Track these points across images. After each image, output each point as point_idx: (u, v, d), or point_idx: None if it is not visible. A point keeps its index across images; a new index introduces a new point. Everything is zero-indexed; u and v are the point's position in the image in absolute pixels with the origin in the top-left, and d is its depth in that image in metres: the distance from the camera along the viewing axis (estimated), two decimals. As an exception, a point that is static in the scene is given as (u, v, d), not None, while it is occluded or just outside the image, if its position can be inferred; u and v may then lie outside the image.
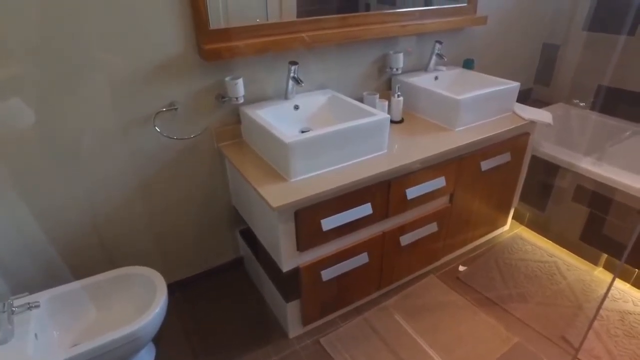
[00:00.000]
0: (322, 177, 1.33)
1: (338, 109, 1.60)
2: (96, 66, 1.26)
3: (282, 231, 1.29)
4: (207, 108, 1.51)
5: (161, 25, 1.32)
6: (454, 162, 1.61)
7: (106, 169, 1.41)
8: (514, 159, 1.84)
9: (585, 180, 1.86)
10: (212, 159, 1.61)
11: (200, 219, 1.70)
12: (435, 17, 1.89)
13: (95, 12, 1.20)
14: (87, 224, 1.45)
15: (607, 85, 2.28)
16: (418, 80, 1.83)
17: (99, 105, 1.32)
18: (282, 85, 1.60)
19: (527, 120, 1.77)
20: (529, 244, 2.09)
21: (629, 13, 2.08)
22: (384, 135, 1.45)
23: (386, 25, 1.72)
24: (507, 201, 2.02)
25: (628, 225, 1.76)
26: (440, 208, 1.70)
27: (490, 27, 2.15)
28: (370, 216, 1.45)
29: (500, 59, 2.34)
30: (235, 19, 1.44)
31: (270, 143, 1.36)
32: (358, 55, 1.78)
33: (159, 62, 1.36)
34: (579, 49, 2.35)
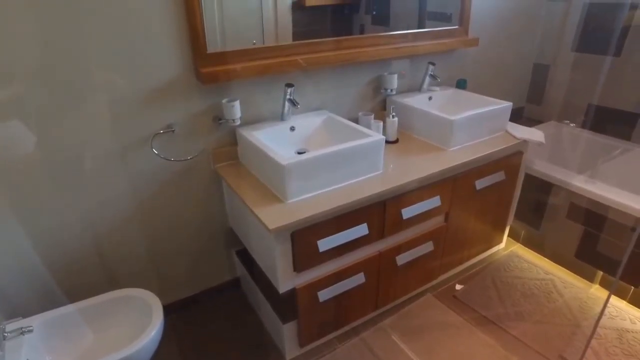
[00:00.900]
0: (318, 198, 1.34)
1: (334, 130, 1.63)
2: (95, 89, 1.28)
3: (278, 252, 1.29)
4: (204, 130, 1.52)
5: (160, 49, 1.34)
6: (448, 182, 1.62)
7: (103, 190, 1.41)
8: (508, 177, 1.86)
9: (579, 198, 1.88)
10: (208, 180, 1.62)
11: (196, 239, 1.70)
12: (428, 39, 1.94)
13: (95, 36, 1.23)
14: (84, 246, 1.45)
15: (597, 104, 2.32)
16: (412, 101, 1.86)
17: (97, 127, 1.33)
18: (279, 106, 1.62)
19: (520, 139, 1.79)
20: (525, 262, 2.10)
21: (613, 35, 2.14)
22: (379, 156, 1.46)
23: (380, 48, 1.76)
24: (502, 219, 2.04)
25: (622, 243, 1.77)
26: (435, 227, 1.71)
27: (482, 48, 2.20)
28: (367, 236, 1.45)
29: (492, 79, 2.38)
30: (232, 41, 1.47)
31: (267, 165, 1.38)
32: (353, 76, 1.81)
33: (157, 85, 1.38)
34: (568, 69, 2.40)
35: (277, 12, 1.57)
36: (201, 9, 1.34)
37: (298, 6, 1.61)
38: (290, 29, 1.62)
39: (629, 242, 1.72)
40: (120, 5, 1.23)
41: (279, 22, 1.59)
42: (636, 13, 2.06)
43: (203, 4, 1.35)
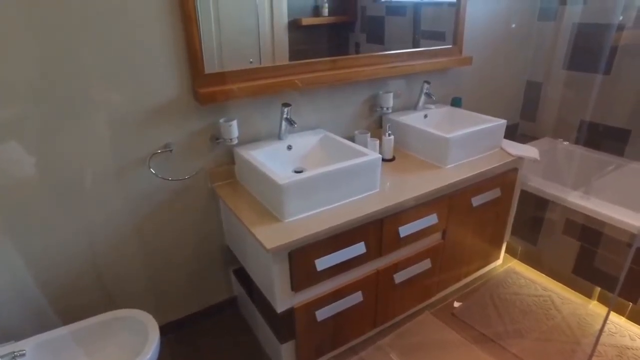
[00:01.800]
0: (315, 217, 1.34)
1: (330, 148, 1.64)
2: (93, 109, 1.29)
3: (276, 272, 1.29)
4: (201, 149, 1.53)
5: (159, 71, 1.36)
6: (445, 199, 1.63)
7: (100, 210, 1.41)
8: (504, 194, 1.88)
9: (574, 214, 1.89)
10: (206, 199, 1.62)
11: (194, 258, 1.69)
12: (422, 58, 1.97)
13: (95, 57, 1.24)
14: (80, 266, 1.44)
15: (589, 120, 2.36)
16: (408, 119, 1.88)
17: (96, 147, 1.34)
18: (276, 126, 1.63)
19: (515, 156, 1.81)
20: (522, 278, 2.10)
21: (602, 54, 2.19)
22: (376, 175, 1.47)
23: (376, 67, 1.78)
24: (499, 236, 2.04)
25: (618, 258, 1.78)
26: (433, 245, 1.71)
27: (476, 67, 2.23)
28: (364, 255, 1.45)
29: (486, 96, 2.42)
30: (229, 59, 1.49)
31: (264, 184, 1.38)
32: (349, 95, 1.83)
33: (155, 105, 1.39)
34: (560, 86, 2.44)
35: (273, 31, 1.60)
36: (199, 32, 1.36)
37: (294, 25, 1.64)
38: (286, 48, 1.64)
39: (625, 258, 1.73)
40: (120, 28, 1.25)
41: (276, 41, 1.61)
42: (623, 34, 2.11)
43: (201, 24, 1.37)
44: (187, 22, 1.34)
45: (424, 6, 2.04)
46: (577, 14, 2.27)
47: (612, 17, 2.13)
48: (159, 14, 1.30)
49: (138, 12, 1.27)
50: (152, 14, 1.29)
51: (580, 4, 2.24)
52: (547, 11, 2.40)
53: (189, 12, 1.32)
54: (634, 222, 1.69)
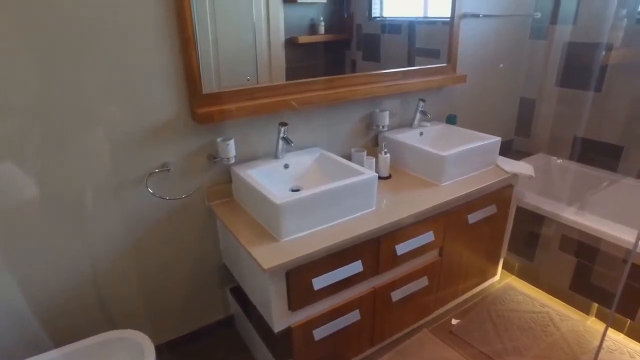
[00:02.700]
0: (312, 236, 1.35)
1: (327, 167, 1.65)
2: (91, 130, 1.30)
3: (273, 291, 1.29)
4: (199, 168, 1.54)
5: (157, 90, 1.38)
6: (441, 216, 1.64)
7: (97, 230, 1.41)
8: (500, 210, 1.89)
9: (570, 230, 1.90)
10: (203, 218, 1.62)
11: (190, 276, 1.68)
12: (417, 77, 2.00)
13: (94, 78, 1.26)
14: (76, 285, 1.43)
15: (582, 136, 2.39)
16: (404, 137, 1.90)
17: (93, 167, 1.34)
18: (273, 144, 1.65)
19: (510, 173, 1.83)
20: (520, 294, 2.09)
21: (593, 72, 2.24)
22: (373, 193, 1.48)
23: (371, 86, 1.81)
24: (495, 252, 2.05)
25: (614, 274, 1.78)
26: (430, 262, 1.71)
27: (470, 84, 2.27)
28: (361, 273, 1.45)
29: (481, 113, 2.45)
30: (226, 77, 1.50)
31: (261, 203, 1.39)
32: (345, 114, 1.85)
33: (153, 125, 1.40)
34: (553, 103, 2.48)
35: (270, 49, 1.62)
36: (198, 53, 1.38)
37: (291, 43, 1.67)
38: (283, 65, 1.66)
39: (621, 274, 1.74)
40: (119, 49, 1.27)
41: (273, 59, 1.64)
42: (612, 53, 2.16)
43: (199, 43, 1.38)
44: (186, 44, 1.36)
45: (419, 25, 2.08)
46: (567, 34, 2.33)
47: (601, 36, 2.18)
48: (158, 36, 1.32)
49: (138, 34, 1.29)
50: (152, 35, 1.31)
51: (570, 24, 2.30)
52: (538, 30, 2.45)
53: (188, 34, 1.35)
54: (629, 238, 1.70)
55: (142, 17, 1.28)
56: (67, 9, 1.17)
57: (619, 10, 2.08)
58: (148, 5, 1.28)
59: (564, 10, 2.32)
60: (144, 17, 1.29)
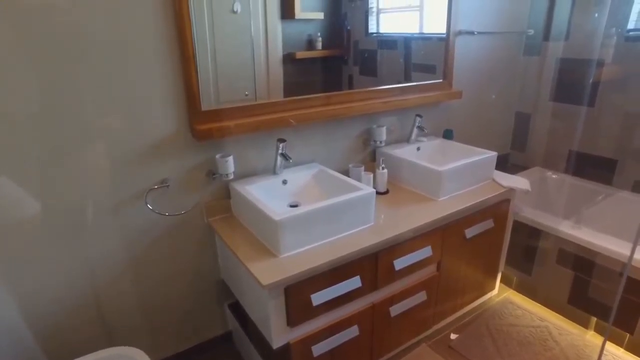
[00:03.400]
0: (311, 252, 1.35)
1: (325, 183, 1.66)
2: (92, 145, 1.31)
3: (272, 308, 1.29)
4: (198, 184, 1.55)
5: (157, 107, 1.39)
6: (439, 231, 1.65)
7: (95, 245, 1.41)
8: (497, 225, 1.90)
9: (567, 244, 1.92)
10: (201, 234, 1.62)
11: (189, 292, 1.68)
12: (414, 93, 2.03)
13: (94, 94, 1.28)
14: (74, 302, 1.43)
15: (577, 150, 2.42)
16: (401, 152, 1.92)
17: (92, 183, 1.35)
18: (271, 160, 1.66)
19: (507, 187, 1.85)
20: (519, 308, 2.09)
21: (585, 88, 2.28)
22: (371, 209, 1.50)
23: (369, 103, 1.83)
24: (493, 266, 2.05)
25: (612, 288, 1.79)
26: (428, 277, 1.71)
27: (466, 100, 2.30)
28: (360, 289, 1.45)
29: (477, 128, 2.48)
30: (225, 92, 1.52)
31: (260, 219, 1.40)
32: (343, 129, 1.88)
33: (153, 141, 1.42)
34: (547, 117, 2.52)
35: (268, 65, 1.64)
36: (197, 71, 1.41)
37: (289, 59, 1.69)
38: (281, 80, 1.68)
39: (618, 287, 1.74)
40: (120, 67, 1.30)
41: (271, 74, 1.66)
42: (604, 69, 2.20)
43: (198, 59, 1.40)
44: (186, 63, 1.38)
45: (415, 40, 2.11)
46: (559, 50, 2.37)
47: (592, 53, 2.24)
48: (158, 55, 1.35)
49: (138, 52, 1.31)
50: (152, 54, 1.34)
51: (562, 41, 2.35)
52: (531, 47, 2.50)
53: (187, 53, 1.37)
54: (625, 252, 1.71)
55: (143, 35, 1.31)
56: (68, 24, 1.19)
57: (608, 28, 2.13)
58: (149, 24, 1.31)
59: (556, 27, 2.37)
60: (145, 35, 1.31)
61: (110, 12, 1.24)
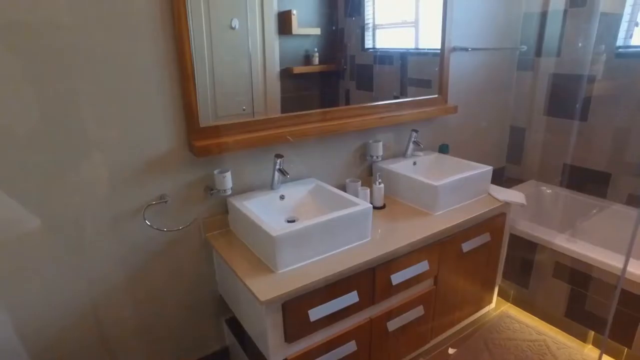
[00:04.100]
0: (308, 268, 1.36)
1: (322, 198, 1.68)
2: (90, 161, 1.32)
3: (269, 323, 1.29)
4: (195, 200, 1.56)
5: (156, 124, 1.41)
6: (436, 246, 1.66)
7: (93, 260, 1.41)
8: (493, 238, 1.91)
9: (563, 257, 1.93)
10: (199, 249, 1.63)
11: (186, 307, 1.67)
12: (410, 108, 2.06)
13: (93, 110, 1.29)
14: (70, 317, 1.42)
15: (572, 164, 2.44)
16: (397, 167, 1.94)
17: (90, 199, 1.35)
18: (269, 176, 1.68)
19: (502, 201, 1.86)
20: (516, 322, 2.09)
21: (578, 102, 2.32)
22: (367, 224, 1.51)
23: (365, 118, 1.85)
24: (490, 280, 2.06)
25: (608, 301, 1.79)
26: (425, 291, 1.72)
27: (461, 114, 2.33)
28: (357, 304, 1.46)
29: (473, 142, 2.50)
30: (222, 107, 1.54)
31: (257, 235, 1.40)
32: (340, 145, 1.89)
33: (151, 158, 1.43)
34: (541, 131, 2.55)
35: (266, 80, 1.66)
36: (196, 89, 1.42)
37: (286, 74, 1.71)
38: (278, 95, 1.70)
39: (612, 299, 1.75)
40: (118, 83, 1.31)
41: (268, 89, 1.68)
42: (595, 85, 2.24)
43: (197, 75, 1.42)
44: (185, 81, 1.40)
45: (410, 56, 2.15)
46: (551, 66, 2.42)
47: (583, 69, 2.28)
48: (158, 73, 1.37)
49: (137, 69, 1.33)
50: (151, 73, 1.36)
51: (554, 57, 2.40)
52: (524, 62, 2.54)
53: (187, 71, 1.39)
54: (620, 265, 1.72)
55: (142, 54, 1.33)
56: (69, 41, 1.20)
57: (598, 45, 2.19)
58: (149, 43, 1.33)
59: (547, 43, 2.42)
60: (145, 54, 1.33)
61: (110, 30, 1.26)
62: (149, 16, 1.31)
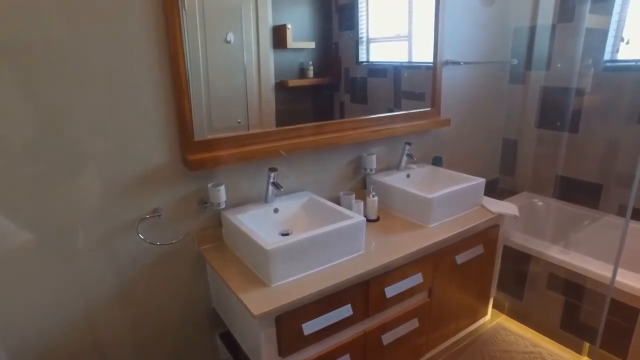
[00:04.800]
0: (302, 281, 1.36)
1: (316, 211, 1.68)
2: (84, 174, 1.32)
3: (263, 338, 1.28)
4: (189, 213, 1.56)
5: (150, 138, 1.41)
6: (429, 258, 1.66)
7: (86, 275, 1.40)
8: (487, 250, 1.92)
9: (556, 268, 1.94)
10: (193, 262, 1.62)
11: (180, 321, 1.66)
12: (403, 121, 2.08)
13: (85, 122, 1.29)
14: (62, 332, 1.40)
15: (564, 175, 2.47)
16: (391, 180, 1.95)
17: (84, 213, 1.35)
18: (263, 189, 1.68)
19: (495, 213, 1.87)
20: (512, 334, 2.09)
21: (568, 114, 2.37)
22: (361, 237, 1.51)
23: (359, 131, 1.87)
24: (485, 292, 2.06)
25: (602, 312, 1.80)
26: (419, 304, 1.72)
27: (454, 127, 2.35)
28: (351, 317, 1.45)
29: (466, 154, 2.53)
30: (217, 120, 1.55)
31: (251, 248, 1.40)
32: (334, 158, 1.91)
33: (145, 172, 1.43)
34: (533, 143, 2.58)
35: (261, 93, 1.67)
36: (190, 104, 1.43)
37: (281, 86, 1.73)
38: (273, 108, 1.72)
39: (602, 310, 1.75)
40: (112, 97, 1.32)
41: (263, 102, 1.69)
42: (585, 97, 2.29)
43: (192, 88, 1.43)
44: (179, 95, 1.41)
45: (404, 69, 2.18)
46: (541, 79, 2.46)
47: (571, 82, 2.33)
48: (152, 87, 1.38)
49: (132, 87, 1.34)
50: (145, 87, 1.37)
51: (543, 70, 2.45)
52: (515, 75, 2.59)
53: (181, 86, 1.40)
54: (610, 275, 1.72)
55: (137, 69, 1.34)
56: (65, 55, 1.22)
57: (586, 59, 2.24)
58: (143, 58, 1.34)
59: (537, 57, 2.47)
60: (139, 69, 1.34)
61: (104, 46, 1.27)
62: (144, 33, 1.33)
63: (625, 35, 2.15)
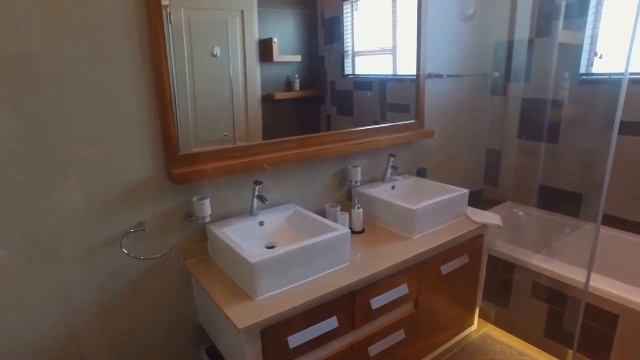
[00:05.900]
0: (287, 294, 1.36)
1: (301, 224, 1.69)
2: (67, 187, 1.31)
3: (248, 351, 1.27)
4: (174, 227, 1.55)
5: (133, 151, 1.41)
6: (415, 269, 1.68)
7: (67, 290, 1.38)
8: (472, 260, 1.94)
9: (539, 277, 1.97)
10: (178, 276, 1.61)
11: (165, 336, 1.64)
12: (387, 133, 2.11)
13: (68, 135, 1.29)
14: (42, 349, 1.37)
15: (546, 185, 2.52)
16: (376, 192, 1.97)
17: (65, 227, 1.34)
18: (248, 202, 1.69)
19: (479, 223, 1.90)
20: (498, 343, 2.11)
21: (547, 125, 2.44)
22: (346, 249, 1.52)
23: (344, 144, 1.89)
24: (470, 301, 2.08)
25: (577, 317, 1.83)
26: (406, 314, 1.72)
27: (438, 138, 2.39)
28: (337, 329, 1.45)
29: (450, 165, 2.56)
30: (204, 133, 1.56)
31: (236, 261, 1.40)
32: (318, 170, 1.92)
33: (129, 185, 1.43)
34: (515, 154, 2.64)
35: (247, 106, 1.68)
36: (175, 119, 1.44)
37: (267, 99, 1.74)
38: (260, 120, 1.73)
39: (590, 319, 1.78)
40: (96, 112, 1.32)
41: (250, 115, 1.70)
42: (564, 109, 2.36)
43: (178, 101, 1.43)
44: (164, 110, 1.41)
45: (389, 82, 2.21)
46: (521, 91, 2.53)
47: (549, 94, 2.41)
48: (136, 102, 1.38)
49: (115, 101, 1.35)
50: (129, 102, 1.37)
51: (522, 82, 2.52)
52: (497, 87, 2.65)
53: (165, 100, 1.41)
54: (594, 283, 1.76)
55: (120, 83, 1.34)
56: (47, 70, 1.22)
57: (562, 72, 2.31)
58: (127, 73, 1.35)
59: (517, 70, 2.55)
60: (123, 83, 1.35)
61: (87, 60, 1.27)
62: (128, 48, 1.34)
63: (598, 50, 2.23)
